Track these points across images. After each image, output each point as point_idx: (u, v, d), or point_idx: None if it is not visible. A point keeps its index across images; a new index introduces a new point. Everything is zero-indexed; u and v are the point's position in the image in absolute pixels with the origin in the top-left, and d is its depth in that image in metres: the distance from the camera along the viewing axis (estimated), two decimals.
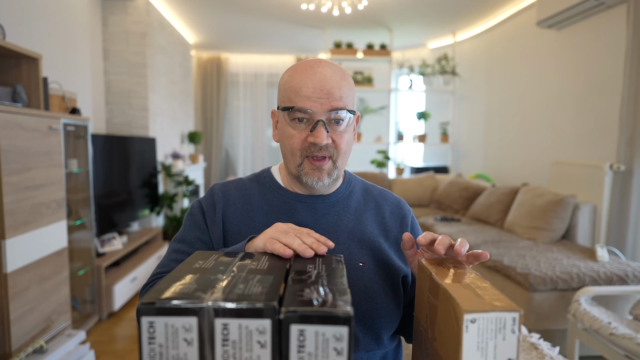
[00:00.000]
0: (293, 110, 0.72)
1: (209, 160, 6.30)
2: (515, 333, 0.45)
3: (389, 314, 0.77)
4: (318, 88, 0.71)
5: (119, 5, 3.72)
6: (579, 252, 2.62)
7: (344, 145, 0.75)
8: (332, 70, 0.74)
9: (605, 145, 3.00)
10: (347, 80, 0.75)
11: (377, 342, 0.76)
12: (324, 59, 0.77)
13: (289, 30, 5.07)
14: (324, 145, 0.72)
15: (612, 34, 2.96)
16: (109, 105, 3.78)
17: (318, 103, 0.71)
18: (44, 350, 1.80)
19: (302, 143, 0.73)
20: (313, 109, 0.71)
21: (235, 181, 0.86)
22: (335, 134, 0.74)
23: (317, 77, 0.72)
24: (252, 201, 0.81)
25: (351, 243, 0.78)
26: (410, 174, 5.54)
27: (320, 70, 0.73)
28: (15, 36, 2.24)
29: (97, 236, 2.83)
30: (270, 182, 0.84)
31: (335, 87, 0.72)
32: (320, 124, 0.71)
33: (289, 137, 0.75)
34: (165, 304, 0.42)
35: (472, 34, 5.00)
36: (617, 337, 1.74)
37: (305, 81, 0.72)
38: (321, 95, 0.71)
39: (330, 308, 0.42)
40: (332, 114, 0.72)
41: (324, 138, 0.71)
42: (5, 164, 1.69)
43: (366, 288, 0.76)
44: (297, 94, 0.72)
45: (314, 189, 0.79)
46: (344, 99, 0.73)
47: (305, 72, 0.73)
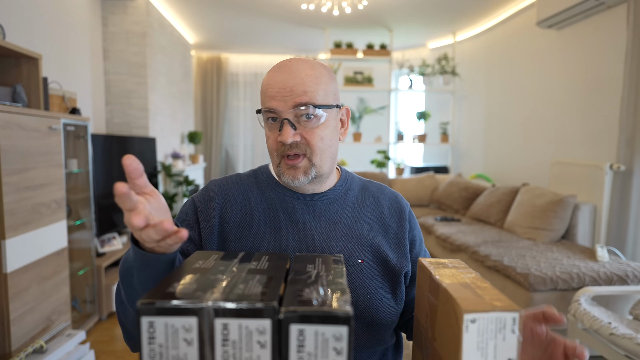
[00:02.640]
0: (263, 111, 0.74)
1: (209, 160, 6.29)
2: (515, 333, 0.45)
3: (389, 311, 0.77)
4: (281, 87, 0.71)
5: (119, 5, 3.72)
6: (579, 252, 2.62)
7: (317, 141, 0.73)
8: (297, 67, 0.72)
9: (605, 145, 3.00)
10: (316, 74, 0.72)
11: (376, 339, 0.76)
12: (297, 57, 0.76)
13: (289, 30, 5.07)
14: (291, 143, 0.71)
15: (612, 34, 2.96)
16: (109, 105, 3.78)
17: (282, 101, 0.71)
18: (44, 350, 1.80)
19: (276, 143, 0.74)
20: (278, 108, 0.71)
21: (232, 177, 0.85)
22: (306, 131, 0.73)
23: (282, 77, 0.72)
24: (251, 197, 0.80)
25: (350, 240, 0.78)
26: (410, 174, 5.53)
27: (285, 69, 0.73)
28: (15, 36, 2.24)
29: (97, 236, 2.83)
30: (268, 178, 0.83)
31: (299, 83, 0.71)
32: (285, 122, 0.71)
33: (266, 138, 0.76)
34: (165, 304, 0.42)
35: (472, 34, 5.00)
36: (617, 337, 1.74)
37: (271, 81, 0.72)
38: (284, 94, 0.71)
39: (329, 308, 0.42)
40: (297, 110, 0.71)
41: (288, 136, 0.71)
42: (5, 164, 1.69)
43: (365, 285, 0.76)
44: (265, 94, 0.73)
45: (295, 187, 0.79)
46: (309, 93, 0.71)
47: (272, 72, 0.74)
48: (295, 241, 0.76)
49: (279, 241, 0.76)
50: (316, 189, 0.81)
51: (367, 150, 5.96)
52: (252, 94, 6.45)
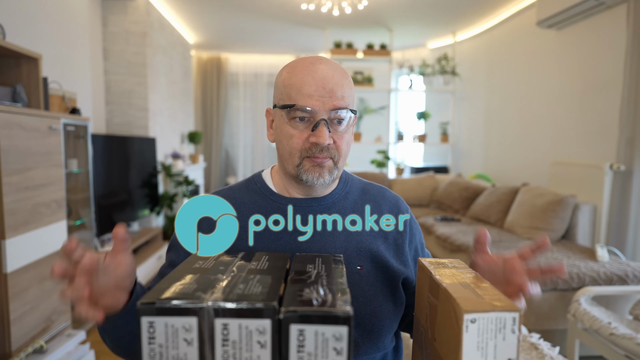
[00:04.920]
0: (294, 108, 0.69)
1: (209, 160, 6.29)
2: (515, 333, 0.45)
3: (389, 317, 0.76)
4: (320, 86, 0.68)
5: (119, 5, 3.72)
6: (579, 252, 2.62)
7: (344, 146, 0.73)
8: (333, 68, 0.71)
9: (605, 145, 3.00)
10: (348, 79, 0.73)
11: (377, 346, 0.75)
12: (323, 56, 0.75)
13: (289, 30, 5.07)
14: (325, 145, 0.70)
15: (612, 34, 2.96)
16: (109, 105, 3.78)
17: (320, 102, 0.68)
18: (44, 350, 1.80)
19: (303, 143, 0.70)
20: (315, 107, 0.68)
21: (222, 191, 0.83)
22: (336, 135, 0.71)
23: (319, 75, 0.69)
24: (243, 210, 0.76)
25: (348, 246, 0.76)
26: (410, 174, 5.53)
27: (321, 68, 0.70)
28: (15, 36, 2.24)
29: (97, 236, 2.83)
30: (262, 187, 0.81)
31: (338, 85, 0.70)
32: (323, 124, 0.68)
33: (288, 137, 0.71)
34: (165, 304, 0.42)
35: (472, 34, 5.00)
36: (617, 337, 1.74)
37: (307, 79, 0.69)
38: (323, 94, 0.68)
39: (329, 308, 0.42)
40: (334, 114, 0.70)
41: (326, 138, 0.69)
42: (5, 164, 1.69)
43: (364, 291, 0.74)
44: (299, 92, 0.69)
45: (312, 188, 0.76)
46: (346, 98, 0.71)
47: (307, 70, 0.70)
48: (292, 250, 0.74)
49: (274, 250, 0.74)
50: (320, 193, 0.79)
51: (367, 150, 5.95)
52: (252, 94, 6.45)
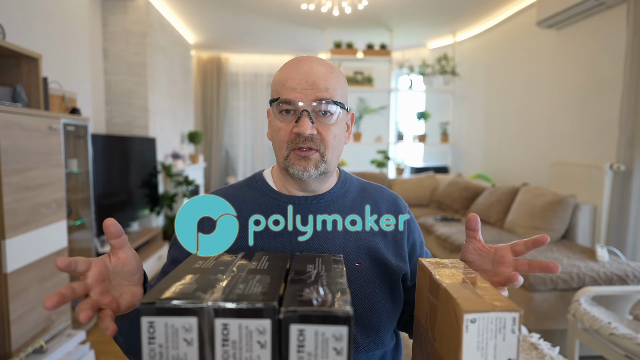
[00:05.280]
0: (279, 101, 0.72)
1: (209, 160, 6.30)
2: (516, 333, 0.45)
3: (387, 314, 0.76)
4: (303, 79, 0.71)
5: (119, 5, 3.72)
6: (579, 252, 2.62)
7: (331, 138, 0.74)
8: (319, 63, 0.74)
9: (605, 145, 3.00)
10: (335, 74, 0.75)
11: (375, 343, 0.76)
12: (315, 56, 0.77)
13: (289, 30, 5.07)
14: (308, 135, 0.71)
15: (612, 34, 2.96)
16: (109, 105, 3.78)
17: (303, 94, 0.71)
18: (44, 350, 1.80)
19: (289, 135, 0.73)
20: (298, 99, 0.71)
21: (223, 190, 0.84)
22: (322, 126, 0.73)
23: (303, 70, 0.72)
24: (244, 207, 0.79)
25: (347, 243, 0.77)
26: (410, 174, 5.53)
27: (306, 64, 0.73)
28: (15, 36, 2.24)
29: (97, 236, 2.83)
30: (262, 185, 0.83)
31: (321, 78, 0.72)
32: (304, 114, 0.71)
33: (277, 130, 0.74)
34: (165, 304, 0.42)
35: (472, 34, 5.00)
36: (617, 337, 1.74)
37: (291, 73, 0.73)
38: (306, 87, 0.71)
39: (329, 308, 0.42)
40: (317, 105, 0.72)
41: (307, 128, 0.70)
42: (5, 164, 1.69)
43: (363, 288, 0.75)
44: (283, 86, 0.73)
45: (306, 183, 0.77)
46: (330, 90, 0.72)
47: (293, 66, 0.74)
48: (292, 247, 0.75)
49: (274, 248, 0.75)
50: (316, 189, 0.80)
51: (367, 150, 5.96)
52: (252, 94, 6.45)
